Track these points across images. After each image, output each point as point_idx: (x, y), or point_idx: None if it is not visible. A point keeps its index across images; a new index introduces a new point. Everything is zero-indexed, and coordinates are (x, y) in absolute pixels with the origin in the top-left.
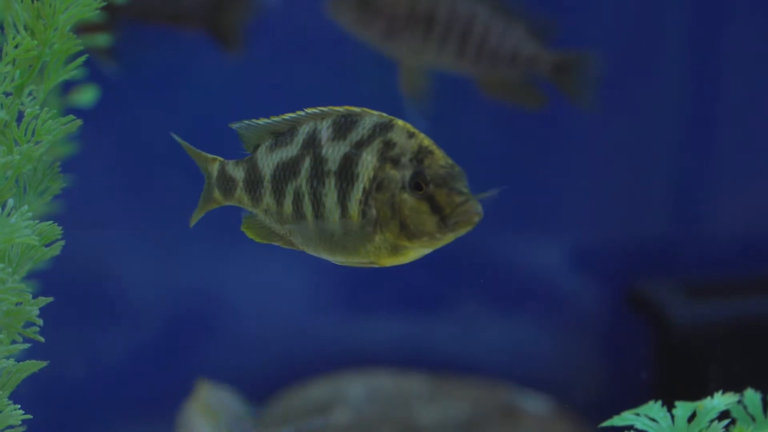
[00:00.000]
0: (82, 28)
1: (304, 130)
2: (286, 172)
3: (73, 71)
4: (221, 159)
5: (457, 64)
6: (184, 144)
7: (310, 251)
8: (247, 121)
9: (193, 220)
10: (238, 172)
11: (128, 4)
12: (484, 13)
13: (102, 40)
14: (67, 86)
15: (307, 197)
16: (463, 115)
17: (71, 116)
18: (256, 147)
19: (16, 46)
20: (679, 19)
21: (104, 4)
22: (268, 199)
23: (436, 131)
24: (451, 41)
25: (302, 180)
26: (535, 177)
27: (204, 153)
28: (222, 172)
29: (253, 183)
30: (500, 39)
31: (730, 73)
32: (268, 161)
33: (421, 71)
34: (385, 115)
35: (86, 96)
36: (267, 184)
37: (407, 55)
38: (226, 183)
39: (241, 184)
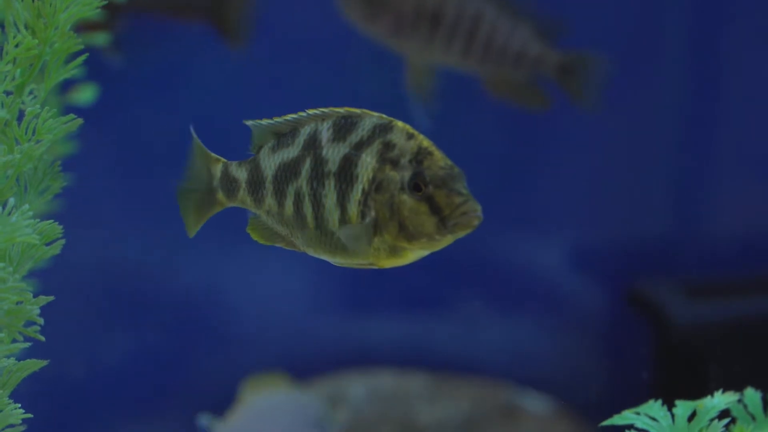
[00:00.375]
0: (82, 27)
1: (305, 131)
2: (287, 173)
3: (73, 70)
4: (225, 160)
5: (463, 62)
6: (197, 142)
7: (311, 252)
8: (258, 121)
9: (194, 230)
10: (241, 173)
11: (130, 0)
12: (491, 12)
13: (102, 38)
14: (67, 85)
15: (307, 198)
16: (465, 114)
17: (72, 115)
18: (259, 148)
19: (16, 45)
20: (679, 19)
21: (105, 2)
22: (269, 200)
23: (439, 130)
24: (457, 39)
25: (303, 181)
26: (535, 177)
27: (210, 153)
28: (225, 172)
29: (256, 184)
30: (507, 38)
31: (730, 73)
32: (270, 162)
33: (427, 69)
34: (384, 116)
35: (85, 94)
36: (269, 185)
37: (414, 52)
38: (230, 184)
39: (243, 185)
